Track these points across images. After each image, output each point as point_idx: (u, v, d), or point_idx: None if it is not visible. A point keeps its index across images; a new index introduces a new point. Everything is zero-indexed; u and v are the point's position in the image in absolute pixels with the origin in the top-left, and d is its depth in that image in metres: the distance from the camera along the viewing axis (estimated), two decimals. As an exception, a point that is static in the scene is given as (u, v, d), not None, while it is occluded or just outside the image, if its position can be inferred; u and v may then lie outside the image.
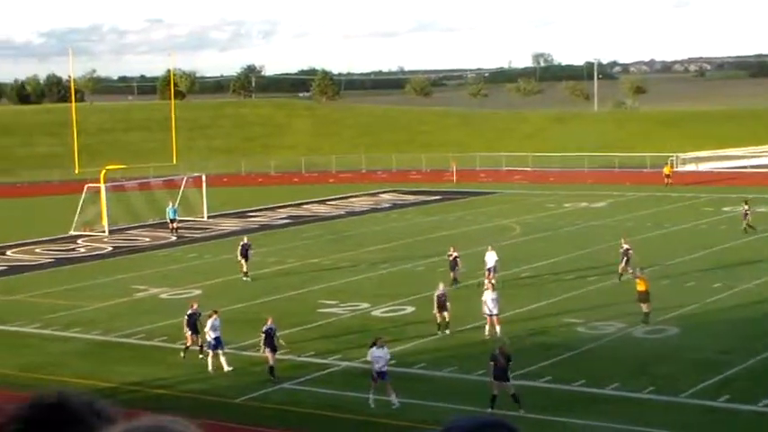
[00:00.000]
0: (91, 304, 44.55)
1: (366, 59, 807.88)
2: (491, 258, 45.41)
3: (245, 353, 35.88)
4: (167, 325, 39.47)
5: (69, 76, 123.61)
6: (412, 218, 69.60)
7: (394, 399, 29.76)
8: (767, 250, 52.74)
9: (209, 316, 34.57)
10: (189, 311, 36.13)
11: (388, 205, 77.55)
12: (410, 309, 41.89)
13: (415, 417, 28.84)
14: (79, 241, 63.37)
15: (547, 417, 28.50)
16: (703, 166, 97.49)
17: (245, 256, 49.47)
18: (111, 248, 60.65)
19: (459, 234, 60.42)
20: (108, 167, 72.55)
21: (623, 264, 45.87)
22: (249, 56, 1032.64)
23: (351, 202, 79.14)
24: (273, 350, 32.92)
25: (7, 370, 34.82)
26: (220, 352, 34.06)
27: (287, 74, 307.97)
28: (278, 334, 33.55)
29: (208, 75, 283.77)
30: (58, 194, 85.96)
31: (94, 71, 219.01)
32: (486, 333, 37.30)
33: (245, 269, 49.45)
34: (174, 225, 64.52)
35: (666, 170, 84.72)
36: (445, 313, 37.68)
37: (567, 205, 73.54)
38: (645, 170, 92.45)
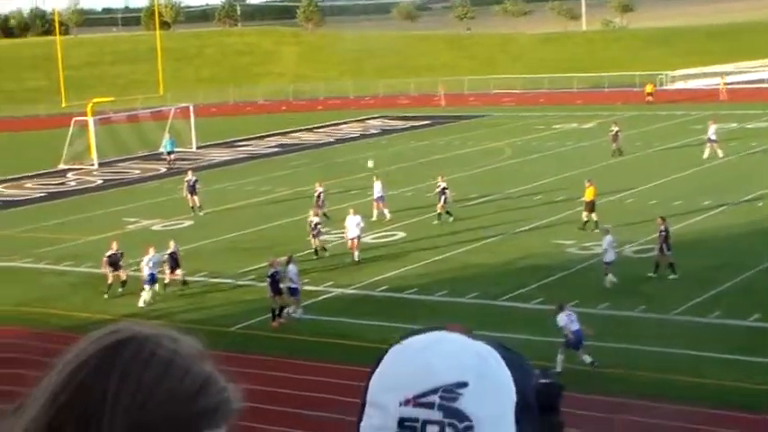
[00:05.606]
0: (82, 237, 44.60)
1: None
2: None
3: (238, 282, 36.09)
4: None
5: (53, 9, 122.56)
6: (401, 143, 69.49)
7: (299, 312, 31.97)
8: (758, 167, 52.89)
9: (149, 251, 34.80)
10: (109, 252, 36.00)
11: (377, 131, 77.39)
12: (401, 234, 42.10)
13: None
14: (69, 175, 63.29)
15: (539, 338, 28.65)
16: (692, 84, 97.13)
17: (191, 191, 48.65)
18: (101, 181, 60.60)
19: (450, 158, 60.40)
20: (95, 100, 72.21)
21: (441, 203, 43.56)
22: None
23: (340, 129, 78.97)
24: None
25: (3, 306, 34.98)
26: (149, 288, 34.42)
27: (272, 1, 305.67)
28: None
29: (192, 4, 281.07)
30: (45, 129, 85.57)
31: (78, 3, 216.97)
32: (356, 257, 38.10)
33: (198, 204, 48.38)
34: (172, 157, 64.02)
35: (648, 89, 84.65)
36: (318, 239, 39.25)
37: (556, 127, 73.44)
38: (635, 89, 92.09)
